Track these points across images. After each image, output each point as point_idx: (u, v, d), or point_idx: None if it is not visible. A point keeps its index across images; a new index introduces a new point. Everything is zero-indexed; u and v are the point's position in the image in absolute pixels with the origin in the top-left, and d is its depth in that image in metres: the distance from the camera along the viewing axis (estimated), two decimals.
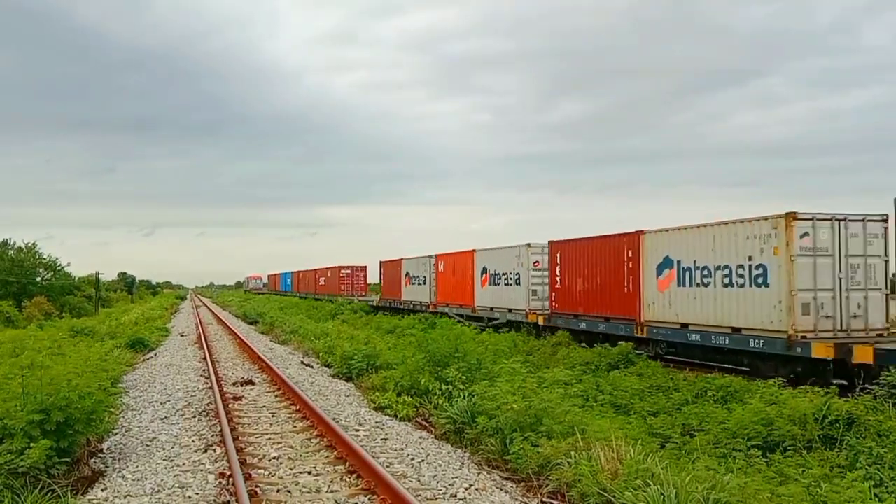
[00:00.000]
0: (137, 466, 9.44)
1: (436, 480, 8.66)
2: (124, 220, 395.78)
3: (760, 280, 17.07)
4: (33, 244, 74.60)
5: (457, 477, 8.81)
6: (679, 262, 19.99)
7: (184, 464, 9.58)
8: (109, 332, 30.72)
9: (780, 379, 13.64)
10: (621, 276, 22.55)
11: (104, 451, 10.32)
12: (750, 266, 17.34)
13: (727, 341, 17.95)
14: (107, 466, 9.56)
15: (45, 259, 75.66)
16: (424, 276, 39.96)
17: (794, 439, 10.22)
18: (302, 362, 21.88)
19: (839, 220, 16.50)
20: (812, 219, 16.39)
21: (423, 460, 9.65)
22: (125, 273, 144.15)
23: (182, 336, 34.44)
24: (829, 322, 16.34)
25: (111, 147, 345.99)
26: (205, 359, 22.50)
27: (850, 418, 10.54)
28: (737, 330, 17.75)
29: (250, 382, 17.08)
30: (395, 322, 35.52)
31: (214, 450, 10.29)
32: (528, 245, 28.36)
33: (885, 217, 16.70)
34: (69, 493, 7.90)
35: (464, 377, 13.34)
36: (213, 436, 11.29)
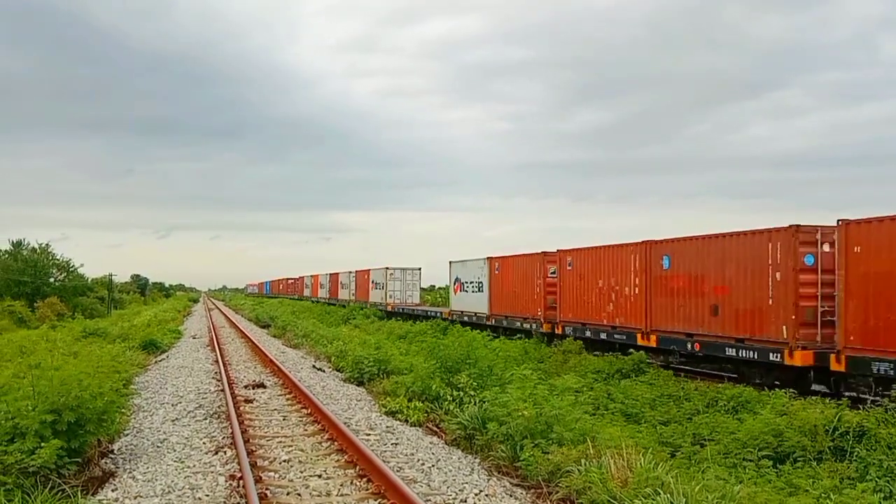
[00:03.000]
0: (148, 467, 9.49)
1: (446, 486, 8.68)
2: (139, 223, 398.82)
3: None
4: (47, 245, 75.05)
5: (467, 483, 8.83)
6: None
7: (194, 465, 9.62)
8: (122, 333, 30.81)
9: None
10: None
11: (115, 451, 10.37)
12: None
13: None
14: (117, 467, 9.61)
15: (58, 260, 76.07)
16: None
17: (805, 450, 10.17)
18: (314, 366, 21.92)
19: None
20: None
21: (433, 465, 9.67)
22: (138, 275, 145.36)
23: (194, 338, 34.57)
24: None
25: (130, 149, 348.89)
26: (217, 361, 22.57)
27: (860, 430, 10.48)
28: None
29: (262, 385, 17.13)
30: (408, 328, 35.85)
31: (225, 452, 10.33)
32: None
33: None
34: (79, 493, 7.92)
35: (475, 383, 13.32)
36: (223, 438, 11.34)
